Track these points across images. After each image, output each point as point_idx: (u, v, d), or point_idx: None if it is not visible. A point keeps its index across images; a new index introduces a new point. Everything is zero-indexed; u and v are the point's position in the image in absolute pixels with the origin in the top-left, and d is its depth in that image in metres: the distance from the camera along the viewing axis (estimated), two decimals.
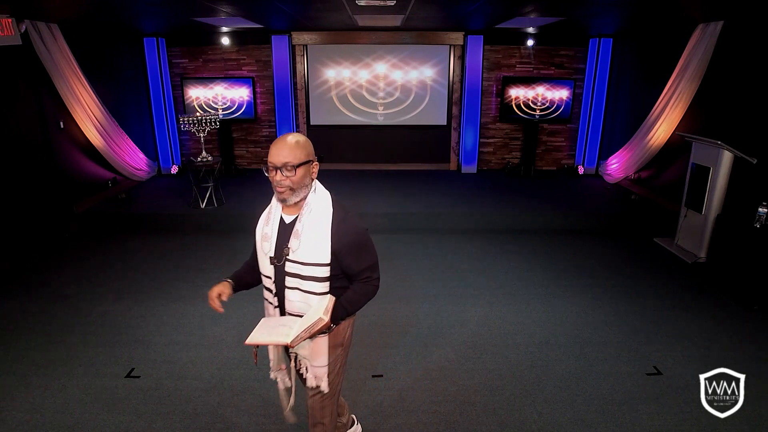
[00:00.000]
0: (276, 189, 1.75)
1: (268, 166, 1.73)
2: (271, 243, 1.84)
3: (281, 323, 1.82)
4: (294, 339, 1.71)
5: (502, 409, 2.85)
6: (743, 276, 4.12)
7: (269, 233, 1.84)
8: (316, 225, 1.78)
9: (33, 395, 2.95)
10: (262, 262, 1.89)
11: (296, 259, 1.78)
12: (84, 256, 5.14)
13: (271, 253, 1.83)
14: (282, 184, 1.72)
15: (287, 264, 1.80)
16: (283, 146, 1.70)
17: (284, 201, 1.77)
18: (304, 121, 8.13)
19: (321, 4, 4.73)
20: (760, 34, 4.73)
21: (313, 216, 1.79)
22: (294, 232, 1.79)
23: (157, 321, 3.82)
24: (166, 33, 7.48)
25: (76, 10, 5.02)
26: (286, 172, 1.70)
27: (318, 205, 1.81)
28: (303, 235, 1.77)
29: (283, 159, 1.69)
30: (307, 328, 1.71)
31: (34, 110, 5.44)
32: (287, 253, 1.79)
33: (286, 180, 1.72)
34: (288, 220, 1.83)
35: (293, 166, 1.70)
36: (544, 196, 6.70)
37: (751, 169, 4.51)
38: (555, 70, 7.83)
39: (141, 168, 7.31)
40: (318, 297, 1.80)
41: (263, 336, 1.76)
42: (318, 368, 1.91)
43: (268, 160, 1.74)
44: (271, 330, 1.78)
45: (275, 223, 1.85)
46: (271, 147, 1.73)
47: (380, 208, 6.14)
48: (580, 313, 3.95)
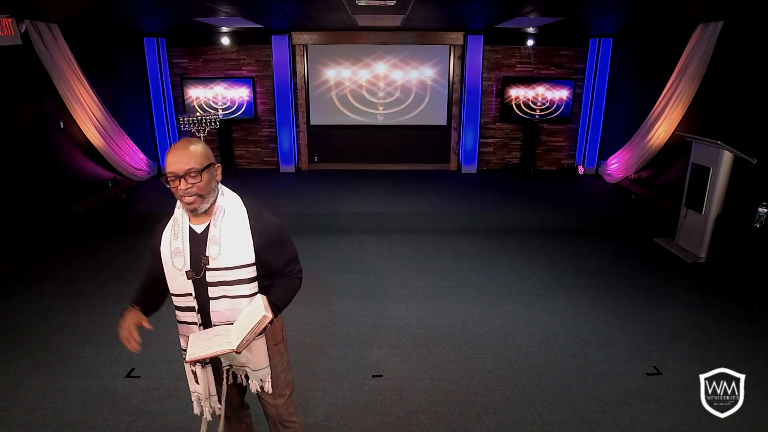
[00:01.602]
0: (183, 199, 1.65)
1: (168, 176, 1.62)
2: (184, 257, 1.72)
3: (215, 333, 1.72)
4: (240, 343, 1.63)
5: (502, 409, 2.85)
6: (743, 276, 4.12)
7: (180, 247, 1.72)
8: (233, 227, 1.73)
9: (33, 395, 2.95)
10: (174, 280, 1.75)
11: (218, 265, 1.71)
12: (84, 256, 5.14)
13: (187, 267, 1.72)
14: (189, 193, 1.63)
15: (208, 274, 1.72)
16: (182, 153, 1.61)
17: (195, 210, 1.67)
18: (304, 121, 8.13)
19: (321, 4, 4.73)
20: (760, 34, 4.73)
21: (228, 219, 1.73)
22: (211, 239, 1.71)
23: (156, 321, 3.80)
24: (166, 33, 7.48)
25: (76, 10, 5.02)
26: (190, 180, 1.62)
27: (230, 206, 1.75)
28: (222, 239, 1.71)
29: (184, 166, 1.60)
30: (253, 329, 1.63)
31: (34, 110, 5.44)
32: (206, 263, 1.71)
33: (193, 188, 1.63)
34: (199, 229, 1.74)
35: (197, 171, 1.62)
36: (544, 196, 6.70)
37: (751, 169, 4.51)
38: (555, 70, 7.82)
39: (141, 168, 7.31)
40: (247, 299, 1.75)
41: (203, 349, 1.65)
42: (260, 371, 1.87)
43: (166, 171, 1.62)
44: (209, 342, 1.68)
45: (185, 235, 1.74)
46: (167, 156, 1.63)
47: (380, 208, 6.14)
48: (580, 313, 3.95)
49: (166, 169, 1.63)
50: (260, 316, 1.63)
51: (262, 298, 1.71)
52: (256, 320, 1.64)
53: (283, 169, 8.12)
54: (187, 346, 1.75)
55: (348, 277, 4.60)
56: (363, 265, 4.90)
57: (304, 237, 5.62)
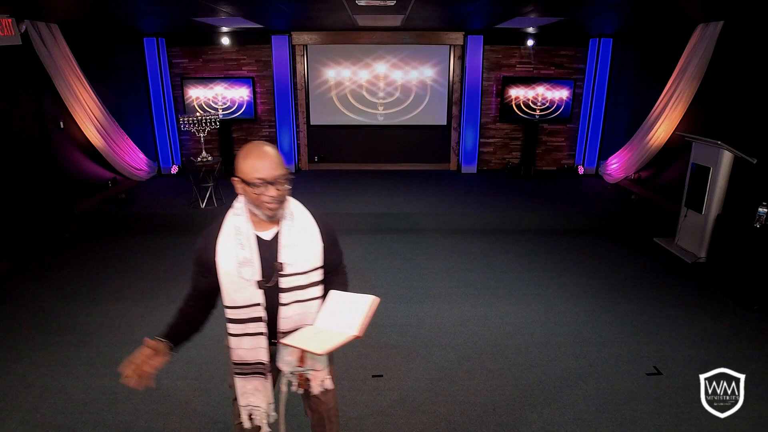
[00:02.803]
0: (266, 206, 1.59)
1: (255, 182, 1.54)
2: (254, 267, 1.65)
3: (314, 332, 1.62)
4: (360, 328, 1.57)
5: (502, 409, 2.85)
6: (743, 276, 4.12)
7: (249, 256, 1.65)
8: (305, 230, 1.72)
9: (33, 395, 2.95)
10: (239, 292, 1.66)
11: (293, 271, 1.68)
12: (84, 256, 5.14)
13: (257, 277, 1.66)
14: (276, 199, 1.59)
15: (281, 280, 1.67)
16: (273, 158, 1.56)
17: (274, 216, 1.63)
18: (304, 121, 8.13)
19: (321, 4, 4.73)
20: (760, 34, 4.73)
21: (297, 222, 1.72)
22: (285, 245, 1.67)
23: (157, 321, 3.81)
24: (166, 33, 7.48)
25: (76, 10, 5.02)
26: (279, 186, 1.58)
27: (296, 210, 1.74)
28: (298, 244, 1.69)
29: (275, 172, 1.56)
30: (368, 314, 1.59)
31: (34, 110, 5.43)
32: (280, 269, 1.66)
33: (280, 194, 1.59)
34: (268, 236, 1.69)
35: (286, 177, 1.60)
36: (544, 196, 6.70)
37: (751, 169, 4.51)
38: (555, 70, 7.82)
39: (141, 168, 7.31)
40: (317, 301, 1.74)
41: (326, 342, 1.54)
42: (323, 371, 1.86)
43: (255, 177, 1.54)
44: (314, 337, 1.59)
45: (252, 243, 1.66)
46: (253, 161, 1.55)
47: (380, 208, 6.14)
48: (580, 313, 3.95)
49: (254, 174, 1.54)
50: (370, 300, 1.64)
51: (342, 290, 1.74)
52: (367, 305, 1.63)
53: None
54: (237, 360, 1.74)
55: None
56: (363, 265, 4.90)
57: None
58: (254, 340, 1.73)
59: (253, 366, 1.75)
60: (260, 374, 1.76)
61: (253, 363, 1.75)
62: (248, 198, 1.61)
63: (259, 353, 1.74)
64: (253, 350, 1.73)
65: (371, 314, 1.61)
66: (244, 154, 1.57)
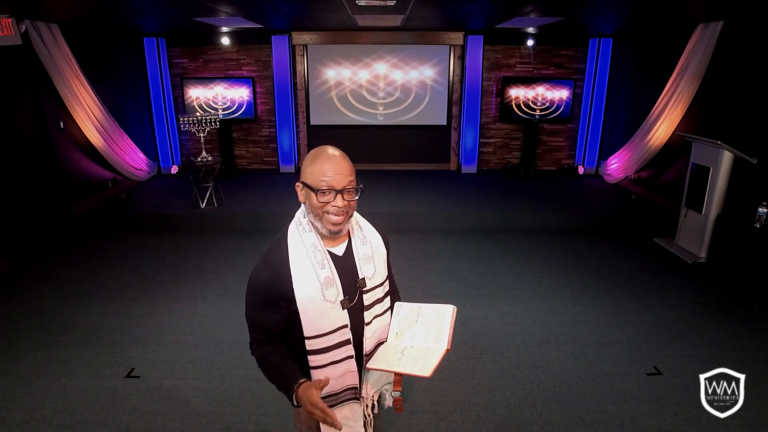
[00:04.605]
0: (331, 218, 1.43)
1: (321, 189, 1.39)
2: (337, 286, 1.48)
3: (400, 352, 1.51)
4: (449, 341, 1.48)
5: (502, 409, 2.85)
6: (743, 276, 4.12)
7: (331, 275, 1.47)
8: (374, 239, 1.60)
9: (33, 395, 2.95)
10: (323, 318, 1.47)
11: (373, 284, 1.55)
12: (84, 256, 5.14)
13: (341, 297, 1.49)
14: (343, 210, 1.42)
15: (363, 297, 1.53)
16: (343, 163, 1.41)
17: (340, 232, 1.47)
18: (304, 121, 8.13)
19: (321, 4, 4.73)
20: (760, 34, 4.73)
21: (366, 232, 1.60)
22: (364, 258, 1.54)
23: (157, 321, 3.82)
24: (166, 33, 7.48)
25: (76, 10, 5.02)
26: (347, 196, 1.42)
27: (360, 219, 1.62)
28: (373, 256, 1.56)
29: (345, 179, 1.40)
30: (453, 324, 1.50)
31: (34, 110, 5.44)
32: (363, 285, 1.52)
33: (348, 205, 1.43)
34: (339, 251, 1.53)
35: (356, 187, 1.44)
36: (544, 196, 6.70)
37: (751, 169, 4.51)
38: (555, 70, 7.82)
39: (141, 168, 7.31)
40: (388, 314, 1.62)
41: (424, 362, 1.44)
42: (392, 383, 1.71)
43: (322, 182, 1.39)
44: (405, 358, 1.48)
45: (328, 261, 1.49)
46: (321, 164, 1.40)
47: (380, 208, 6.13)
48: (580, 313, 3.95)
49: (321, 179, 1.39)
50: (452, 310, 1.53)
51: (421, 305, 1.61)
52: (450, 316, 1.52)
53: (283, 170, 8.12)
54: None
55: None
56: None
57: None
58: (343, 366, 1.54)
59: (341, 394, 1.58)
60: (350, 401, 1.59)
61: (341, 391, 1.57)
62: (310, 207, 1.45)
63: (347, 378, 1.57)
64: (342, 377, 1.55)
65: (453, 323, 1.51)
66: (313, 157, 1.43)
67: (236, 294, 4.25)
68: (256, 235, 5.70)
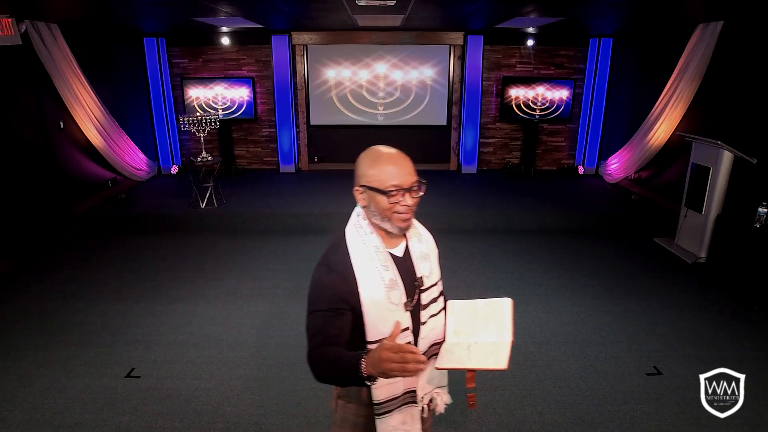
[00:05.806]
0: (399, 216, 1.42)
1: (390, 190, 1.38)
2: (400, 288, 1.45)
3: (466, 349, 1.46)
4: (512, 332, 1.42)
5: (502, 409, 2.85)
6: (743, 276, 4.12)
7: (394, 277, 1.44)
8: (427, 238, 1.61)
9: (33, 395, 2.95)
10: (388, 320, 1.38)
11: (429, 284, 1.53)
12: (84, 256, 5.14)
13: (404, 299, 1.46)
14: (411, 209, 1.44)
15: (422, 297, 1.51)
16: (408, 163, 1.42)
17: (407, 228, 1.47)
18: (304, 121, 8.13)
19: (321, 4, 4.73)
20: (760, 34, 4.73)
21: (420, 231, 1.60)
22: (421, 257, 1.54)
23: (157, 321, 3.82)
24: (166, 33, 7.48)
25: (76, 10, 5.02)
26: (414, 194, 1.43)
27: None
28: (428, 254, 1.56)
29: (411, 178, 1.41)
30: (512, 316, 1.44)
31: (34, 110, 5.43)
32: (421, 284, 1.50)
33: (415, 203, 1.44)
34: (399, 252, 1.51)
35: (420, 184, 1.45)
36: (544, 196, 6.70)
37: (751, 169, 4.51)
38: (555, 70, 7.82)
39: (141, 168, 7.31)
40: (443, 312, 1.58)
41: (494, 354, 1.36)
42: (444, 388, 1.71)
43: (391, 184, 1.38)
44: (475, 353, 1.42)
45: (391, 263, 1.46)
46: (385, 166, 1.39)
47: None
48: (580, 313, 3.95)
49: (390, 181, 1.38)
50: (509, 302, 1.46)
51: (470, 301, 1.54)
52: (509, 308, 1.46)
53: (283, 170, 8.12)
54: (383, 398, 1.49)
55: None
56: None
57: (303, 237, 5.62)
58: None
59: (403, 397, 1.55)
60: (409, 404, 1.57)
61: (402, 395, 1.54)
62: (376, 209, 1.42)
63: (408, 381, 1.55)
64: (403, 380, 1.53)
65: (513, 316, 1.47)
66: (372, 160, 1.41)
67: (236, 294, 4.25)
68: (256, 235, 5.70)
